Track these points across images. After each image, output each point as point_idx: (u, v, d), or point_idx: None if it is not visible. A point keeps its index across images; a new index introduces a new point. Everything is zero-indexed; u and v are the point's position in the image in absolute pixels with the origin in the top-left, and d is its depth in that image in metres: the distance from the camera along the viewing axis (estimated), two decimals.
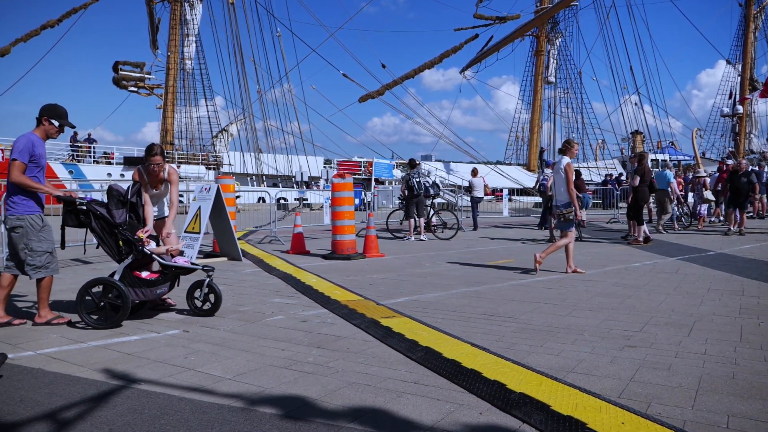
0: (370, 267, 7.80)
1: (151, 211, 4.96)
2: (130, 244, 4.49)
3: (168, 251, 4.70)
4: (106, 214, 4.46)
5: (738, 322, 4.36)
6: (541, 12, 40.26)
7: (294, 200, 26.12)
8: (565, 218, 6.97)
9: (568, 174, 6.91)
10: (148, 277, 4.59)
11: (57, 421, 2.54)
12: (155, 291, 4.58)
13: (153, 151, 5.09)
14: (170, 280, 4.71)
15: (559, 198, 7.05)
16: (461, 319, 4.52)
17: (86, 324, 4.26)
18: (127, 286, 4.35)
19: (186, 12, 36.51)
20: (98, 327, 4.23)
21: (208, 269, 4.68)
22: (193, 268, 4.75)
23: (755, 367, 3.23)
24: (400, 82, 37.16)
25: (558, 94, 47.44)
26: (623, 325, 4.26)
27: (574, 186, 6.97)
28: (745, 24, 44.38)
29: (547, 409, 2.60)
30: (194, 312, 4.72)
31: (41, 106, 4.50)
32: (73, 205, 4.43)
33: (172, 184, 5.21)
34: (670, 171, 14.18)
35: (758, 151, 39.46)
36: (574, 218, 6.95)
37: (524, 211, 25.63)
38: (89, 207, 4.40)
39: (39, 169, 4.42)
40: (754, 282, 6.31)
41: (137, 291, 4.44)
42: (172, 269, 4.65)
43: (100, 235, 4.46)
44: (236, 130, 37.70)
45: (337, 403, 2.73)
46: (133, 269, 4.54)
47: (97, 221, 4.43)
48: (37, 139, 4.42)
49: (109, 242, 4.48)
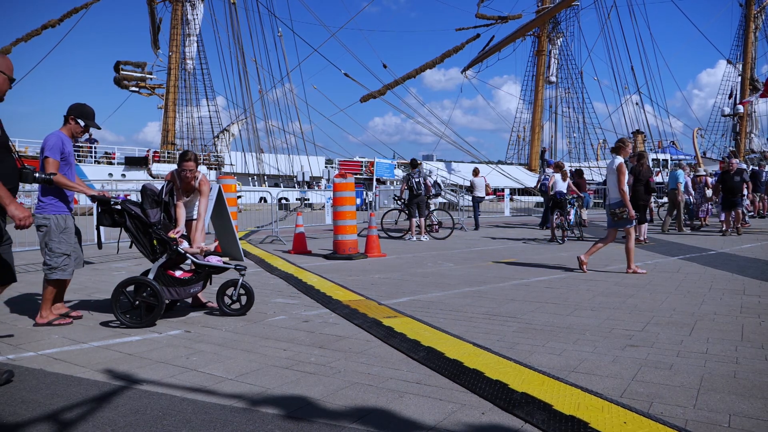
0: (371, 267, 7.80)
1: (183, 211, 4.95)
2: (164, 244, 4.51)
3: (201, 251, 4.72)
4: (141, 214, 4.48)
5: (739, 321, 4.36)
6: (542, 12, 40.24)
7: (295, 200, 26.13)
8: (618, 217, 6.92)
9: (620, 173, 6.84)
10: (182, 276, 4.63)
11: (59, 422, 2.54)
12: (188, 290, 4.62)
13: (186, 156, 5.02)
14: (203, 279, 4.74)
15: (612, 197, 6.99)
16: (463, 318, 4.52)
17: (121, 323, 4.31)
18: (162, 285, 4.38)
19: (187, 12, 36.54)
20: (133, 326, 4.27)
21: (241, 268, 4.70)
22: (225, 267, 4.75)
23: (756, 366, 3.22)
24: (402, 82, 37.15)
25: (559, 94, 47.47)
26: (625, 325, 4.26)
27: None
28: (746, 24, 44.37)
29: (549, 409, 2.60)
30: (224, 311, 4.72)
31: (69, 105, 4.54)
32: (108, 205, 4.44)
33: (202, 196, 5.08)
34: (683, 170, 14.14)
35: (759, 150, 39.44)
36: (627, 217, 6.85)
37: (525, 210, 25.62)
38: (124, 206, 4.42)
39: (69, 167, 4.44)
40: (755, 281, 6.30)
41: (171, 290, 4.49)
42: (205, 268, 4.68)
43: (135, 234, 4.48)
44: (238, 130, 37.72)
45: (340, 404, 2.73)
46: (166, 268, 4.57)
47: (132, 221, 4.45)
48: (65, 137, 4.45)
49: (144, 241, 4.51)
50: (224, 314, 4.71)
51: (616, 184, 6.91)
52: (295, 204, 24.14)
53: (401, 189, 12.44)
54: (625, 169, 6.91)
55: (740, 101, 41.61)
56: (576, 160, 44.38)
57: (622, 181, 6.82)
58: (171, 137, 37.18)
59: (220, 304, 4.74)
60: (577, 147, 48.29)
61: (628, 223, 6.94)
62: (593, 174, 36.89)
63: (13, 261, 3.29)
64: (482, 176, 15.73)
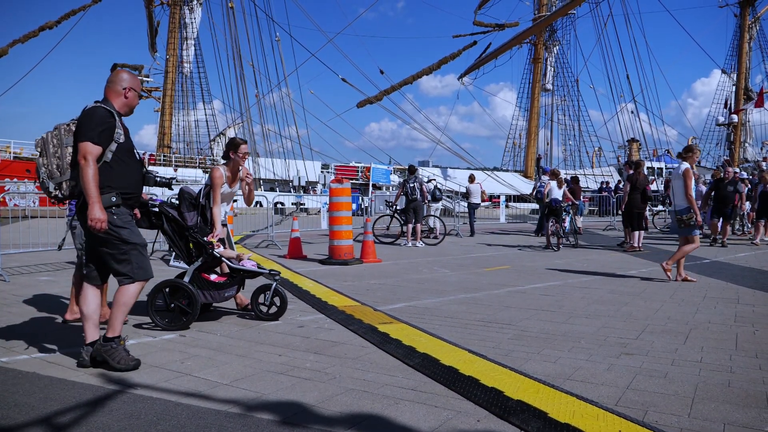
0: (367, 272, 7.80)
1: (219, 214, 4.91)
2: (200, 247, 4.51)
3: (238, 256, 4.71)
4: (178, 217, 4.48)
5: (733, 330, 4.38)
6: (539, 20, 40.47)
7: (291, 204, 26.10)
8: (685, 224, 6.86)
9: (687, 179, 6.78)
10: (217, 280, 4.64)
11: (52, 426, 2.52)
12: (223, 294, 4.63)
13: (237, 141, 5.09)
14: (237, 284, 4.75)
15: (678, 203, 6.93)
16: (459, 325, 4.53)
17: (156, 325, 4.32)
18: (197, 289, 4.39)
19: (185, 15, 36.60)
20: (168, 328, 4.29)
21: (275, 273, 4.71)
22: (260, 271, 4.74)
23: (750, 375, 3.24)
24: (398, 88, 37.24)
25: (555, 102, 47.73)
26: (620, 333, 4.27)
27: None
28: (740, 34, 44.80)
29: (544, 417, 2.60)
30: (258, 316, 4.72)
31: None
32: (146, 207, 4.44)
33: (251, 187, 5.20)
34: None
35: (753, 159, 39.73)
36: (694, 223, 6.78)
37: (521, 217, 25.66)
38: (161, 209, 4.42)
39: None
40: (749, 290, 6.33)
41: (206, 293, 4.50)
42: (240, 272, 4.68)
43: (171, 237, 4.49)
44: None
45: (335, 410, 2.72)
46: (201, 271, 4.58)
47: (169, 223, 4.45)
48: None
49: (180, 244, 4.53)
50: (258, 318, 4.71)
51: (682, 190, 6.82)
52: (291, 208, 24.12)
53: (397, 194, 12.46)
54: (692, 175, 6.83)
55: (734, 110, 41.94)
56: (571, 168, 44.62)
57: (689, 187, 6.73)
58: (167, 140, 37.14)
59: (254, 308, 4.76)
60: (573, 154, 48.57)
61: (695, 230, 6.83)
62: (588, 181, 37.05)
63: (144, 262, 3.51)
64: (478, 183, 15.77)
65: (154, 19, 36.81)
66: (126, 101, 3.54)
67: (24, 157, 26.89)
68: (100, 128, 3.30)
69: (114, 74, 3.60)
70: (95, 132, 3.28)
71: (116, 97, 3.51)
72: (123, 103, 3.53)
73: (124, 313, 3.43)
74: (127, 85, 3.53)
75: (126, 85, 3.52)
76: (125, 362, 3.30)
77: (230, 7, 37.33)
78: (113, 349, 3.33)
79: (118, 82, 3.52)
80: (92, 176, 3.25)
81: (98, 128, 3.30)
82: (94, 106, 3.40)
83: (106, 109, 3.39)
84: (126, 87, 3.52)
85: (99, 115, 3.34)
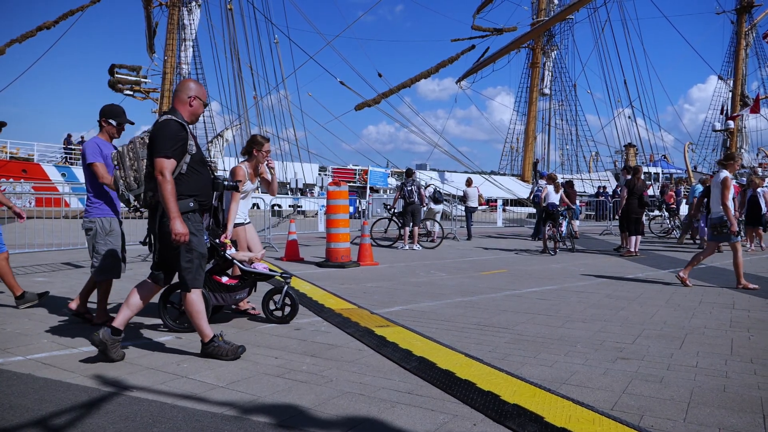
0: (364, 275, 7.79)
1: (236, 210, 4.93)
2: (212, 249, 4.50)
3: (250, 259, 4.71)
4: None
5: (729, 335, 4.40)
6: (537, 25, 40.60)
7: (288, 207, 26.07)
8: (719, 232, 6.85)
9: (724, 188, 6.76)
10: (228, 282, 4.64)
11: (47, 428, 2.51)
12: (234, 296, 4.63)
13: (259, 138, 5.14)
14: (249, 286, 4.75)
15: (714, 211, 6.92)
16: (455, 329, 4.53)
17: (167, 327, 4.34)
18: (209, 291, 4.39)
19: (184, 16, 36.57)
20: (179, 330, 4.31)
21: (286, 276, 4.71)
22: (271, 274, 4.75)
23: (745, 380, 3.25)
24: (396, 91, 37.23)
25: (553, 106, 47.79)
26: (616, 337, 4.28)
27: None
28: (737, 41, 45.03)
29: (540, 421, 2.61)
30: (269, 319, 4.72)
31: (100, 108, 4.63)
32: None
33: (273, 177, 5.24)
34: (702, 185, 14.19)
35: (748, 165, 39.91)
36: (728, 232, 6.74)
37: (518, 221, 25.71)
38: None
39: (108, 169, 4.51)
40: (744, 295, 6.36)
41: (217, 295, 4.51)
42: (251, 275, 4.68)
43: None
44: (231, 136, 37.62)
45: (331, 413, 2.72)
46: (213, 273, 4.58)
47: None
48: (102, 141, 4.58)
49: None
50: (269, 321, 4.71)
51: (719, 198, 6.80)
52: (288, 211, 24.10)
53: (395, 198, 12.47)
54: (729, 184, 6.81)
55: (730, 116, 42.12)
56: (568, 172, 44.62)
57: (726, 196, 6.71)
58: None
59: (265, 311, 4.75)
60: (570, 159, 48.63)
61: (730, 238, 6.79)
62: (585, 186, 37.13)
63: None
64: (475, 186, 15.80)
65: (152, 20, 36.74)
66: (191, 110, 3.62)
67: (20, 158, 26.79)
68: (173, 142, 3.38)
69: (181, 83, 3.70)
70: (169, 146, 3.36)
71: (183, 107, 3.59)
72: (189, 112, 3.62)
73: (203, 318, 3.60)
74: (193, 94, 3.60)
75: (192, 94, 3.60)
76: (233, 352, 3.57)
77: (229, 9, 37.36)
78: (216, 347, 3.57)
79: (184, 91, 3.60)
80: (170, 191, 3.33)
81: (172, 143, 3.38)
82: (166, 119, 3.46)
83: (178, 122, 3.45)
84: (192, 96, 3.60)
85: (172, 129, 3.40)
